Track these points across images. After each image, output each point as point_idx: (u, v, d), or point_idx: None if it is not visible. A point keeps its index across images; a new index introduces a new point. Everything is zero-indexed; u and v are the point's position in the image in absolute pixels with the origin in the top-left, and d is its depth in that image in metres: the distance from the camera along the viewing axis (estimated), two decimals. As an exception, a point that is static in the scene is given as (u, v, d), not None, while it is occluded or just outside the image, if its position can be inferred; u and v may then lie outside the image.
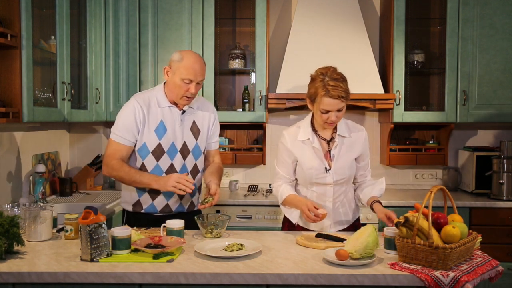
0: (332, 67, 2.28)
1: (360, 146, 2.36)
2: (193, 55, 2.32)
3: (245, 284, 1.74)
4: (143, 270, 1.74)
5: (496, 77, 3.59)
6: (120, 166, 2.31)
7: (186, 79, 2.27)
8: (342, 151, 2.32)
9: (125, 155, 2.36)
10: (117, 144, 2.35)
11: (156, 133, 2.35)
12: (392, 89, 3.62)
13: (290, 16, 4.00)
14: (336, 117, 2.21)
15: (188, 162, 2.42)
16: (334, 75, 2.20)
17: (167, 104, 2.38)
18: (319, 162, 2.31)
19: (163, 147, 2.36)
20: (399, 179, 4.03)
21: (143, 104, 2.35)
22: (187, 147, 2.41)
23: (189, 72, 2.27)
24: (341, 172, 2.31)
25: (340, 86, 2.17)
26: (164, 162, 2.37)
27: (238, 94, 3.97)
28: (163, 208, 2.41)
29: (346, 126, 2.37)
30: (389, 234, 1.98)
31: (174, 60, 2.31)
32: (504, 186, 3.45)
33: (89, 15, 3.25)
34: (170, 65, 2.32)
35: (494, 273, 1.85)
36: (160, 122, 2.36)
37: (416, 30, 3.84)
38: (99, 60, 3.42)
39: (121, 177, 2.33)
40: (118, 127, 2.36)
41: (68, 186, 3.39)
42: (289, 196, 2.34)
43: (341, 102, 2.18)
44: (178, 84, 2.29)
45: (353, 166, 2.36)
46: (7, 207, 2.31)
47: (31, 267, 1.76)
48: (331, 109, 2.19)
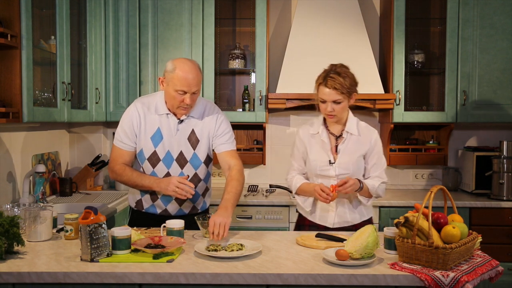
0: (343, 64, 2.37)
1: (367, 145, 2.39)
2: (186, 64, 2.21)
3: (245, 284, 1.74)
4: (143, 270, 1.74)
5: (496, 77, 3.59)
6: (122, 170, 2.32)
7: (180, 91, 2.20)
8: (348, 147, 2.38)
9: (128, 159, 2.36)
10: (119, 149, 2.36)
11: (152, 140, 2.33)
12: (392, 89, 3.62)
13: (290, 16, 4.00)
14: (333, 109, 2.30)
15: (186, 171, 2.36)
16: (338, 70, 2.31)
17: (165, 112, 2.33)
18: (324, 155, 2.38)
19: (158, 155, 2.33)
20: (399, 179, 4.03)
21: (141, 109, 2.33)
22: (184, 156, 2.35)
23: (182, 84, 2.18)
24: (344, 167, 2.35)
25: (338, 79, 2.26)
26: (160, 170, 2.35)
27: (238, 94, 3.97)
28: (162, 212, 2.41)
29: (357, 125, 2.42)
30: (389, 234, 1.98)
31: (168, 70, 2.23)
32: (504, 186, 3.45)
33: (89, 15, 3.25)
34: (165, 75, 2.26)
35: (494, 273, 1.85)
36: (157, 130, 2.33)
37: (416, 30, 3.84)
38: (99, 60, 3.42)
39: (125, 181, 2.36)
40: (119, 132, 2.36)
41: (68, 186, 3.39)
42: (302, 185, 2.42)
43: (336, 94, 2.27)
44: (172, 95, 2.23)
45: (359, 164, 2.38)
46: (7, 207, 2.31)
47: (31, 267, 1.76)
48: (327, 99, 2.29)
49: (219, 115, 2.43)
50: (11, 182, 2.88)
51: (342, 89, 2.26)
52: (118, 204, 3.09)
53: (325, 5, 3.70)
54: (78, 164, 3.83)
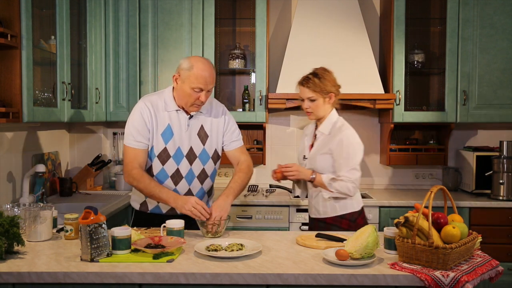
0: (325, 68, 2.60)
1: (334, 145, 2.48)
2: (203, 62, 2.27)
3: (245, 284, 1.74)
4: (143, 270, 1.74)
5: (496, 77, 3.59)
6: (140, 176, 2.28)
7: (196, 88, 2.24)
8: (319, 145, 2.58)
9: (142, 160, 2.32)
10: (133, 150, 2.31)
11: (163, 137, 2.33)
12: (392, 89, 3.62)
13: (290, 16, 4.00)
14: (309, 106, 2.55)
15: (195, 167, 2.39)
16: (317, 71, 2.56)
17: (174, 108, 2.34)
18: (304, 150, 2.68)
19: (168, 151, 2.34)
20: (399, 179, 4.03)
21: (151, 106, 2.33)
22: (194, 152, 2.38)
23: (199, 81, 2.23)
24: (312, 162, 2.58)
25: (313, 79, 2.52)
26: (169, 167, 2.35)
27: (238, 94, 3.97)
28: (168, 211, 2.41)
29: (331, 125, 2.55)
30: (389, 234, 1.98)
31: (184, 68, 2.26)
32: (504, 186, 3.45)
33: (89, 15, 3.25)
34: (179, 73, 2.28)
35: (494, 273, 1.85)
36: (167, 126, 2.34)
37: (416, 30, 3.84)
38: (99, 60, 3.42)
39: (141, 189, 2.30)
40: (131, 131, 2.32)
41: (68, 186, 3.39)
42: None
43: (309, 92, 2.52)
44: (188, 93, 2.25)
45: (326, 161, 2.51)
46: (7, 207, 2.31)
47: (31, 267, 1.76)
48: (303, 97, 2.56)
49: (225, 111, 2.51)
50: (11, 182, 2.89)
51: (315, 88, 2.50)
52: (118, 204, 3.09)
53: (325, 5, 3.70)
54: (78, 164, 3.83)
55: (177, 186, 2.37)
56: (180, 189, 2.37)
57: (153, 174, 2.36)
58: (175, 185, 2.37)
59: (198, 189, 2.43)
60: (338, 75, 2.55)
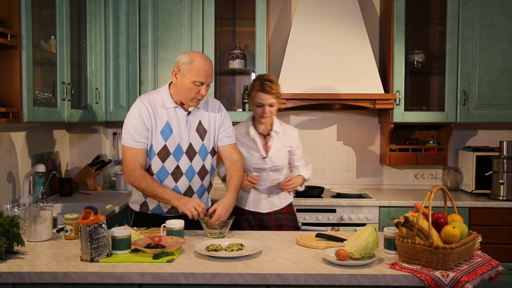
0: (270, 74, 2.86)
1: (294, 141, 2.86)
2: (202, 56, 2.31)
3: (245, 284, 1.74)
4: (143, 270, 1.74)
5: (496, 77, 3.59)
6: (142, 177, 2.28)
7: (197, 82, 2.26)
8: (277, 144, 2.81)
9: (142, 160, 2.32)
10: (132, 150, 2.31)
11: (162, 135, 2.34)
12: (392, 89, 3.62)
13: (290, 16, 4.00)
14: (269, 111, 2.71)
15: (194, 163, 2.40)
16: (270, 78, 2.76)
17: (172, 105, 2.35)
18: (256, 151, 2.78)
19: (168, 148, 2.34)
20: (399, 179, 4.03)
21: (148, 105, 2.33)
22: (193, 148, 2.39)
23: (200, 75, 2.25)
24: (275, 160, 2.79)
25: (272, 86, 2.70)
26: (169, 164, 2.35)
27: (238, 94, 3.97)
28: (168, 211, 2.41)
29: (280, 125, 2.86)
30: (389, 234, 1.98)
31: (184, 62, 2.27)
32: (504, 186, 3.45)
33: (89, 15, 3.25)
34: (179, 67, 2.29)
35: (494, 273, 1.85)
36: (166, 124, 2.34)
37: (416, 30, 3.84)
38: (99, 60, 3.42)
39: (143, 189, 2.30)
40: (129, 131, 2.31)
41: (68, 186, 3.39)
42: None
43: (271, 98, 2.70)
44: (188, 87, 2.27)
45: (286, 156, 2.85)
46: (7, 207, 2.31)
47: (31, 267, 1.76)
48: (264, 103, 2.70)
49: (221, 107, 2.54)
50: (11, 182, 2.89)
51: (277, 94, 2.72)
52: (118, 204, 3.09)
53: (325, 5, 3.70)
54: (78, 164, 3.83)
55: (177, 183, 2.37)
56: (181, 186, 2.38)
57: (153, 173, 2.35)
58: (176, 182, 2.37)
59: (199, 186, 2.43)
60: (338, 75, 2.56)
